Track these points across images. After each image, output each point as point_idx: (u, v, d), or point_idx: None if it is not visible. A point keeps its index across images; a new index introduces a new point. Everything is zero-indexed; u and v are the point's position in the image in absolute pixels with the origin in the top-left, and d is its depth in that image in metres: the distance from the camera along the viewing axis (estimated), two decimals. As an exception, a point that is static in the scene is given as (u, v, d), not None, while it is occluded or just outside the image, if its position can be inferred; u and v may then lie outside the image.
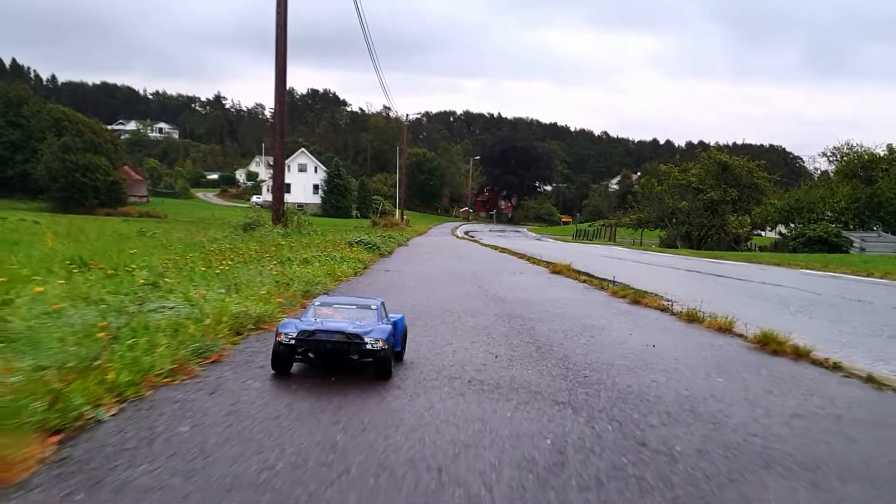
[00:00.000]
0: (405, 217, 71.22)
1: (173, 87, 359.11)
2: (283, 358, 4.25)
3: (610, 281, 11.13)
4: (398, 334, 4.71)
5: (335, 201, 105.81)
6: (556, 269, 13.65)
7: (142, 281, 6.66)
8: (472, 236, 50.37)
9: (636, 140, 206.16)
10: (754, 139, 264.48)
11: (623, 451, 3.08)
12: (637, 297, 8.79)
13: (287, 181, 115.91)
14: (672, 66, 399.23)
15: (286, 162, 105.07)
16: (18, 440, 2.60)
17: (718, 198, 58.17)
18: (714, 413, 3.79)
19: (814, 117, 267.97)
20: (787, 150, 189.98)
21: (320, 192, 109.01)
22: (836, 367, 5.06)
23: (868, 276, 18.82)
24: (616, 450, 3.09)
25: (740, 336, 6.23)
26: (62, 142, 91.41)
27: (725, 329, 6.49)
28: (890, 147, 55.67)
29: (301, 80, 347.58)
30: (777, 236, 55.81)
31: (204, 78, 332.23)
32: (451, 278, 12.10)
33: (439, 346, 5.44)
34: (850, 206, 50.21)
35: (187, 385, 3.89)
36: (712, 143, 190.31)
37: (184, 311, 5.16)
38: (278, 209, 24.31)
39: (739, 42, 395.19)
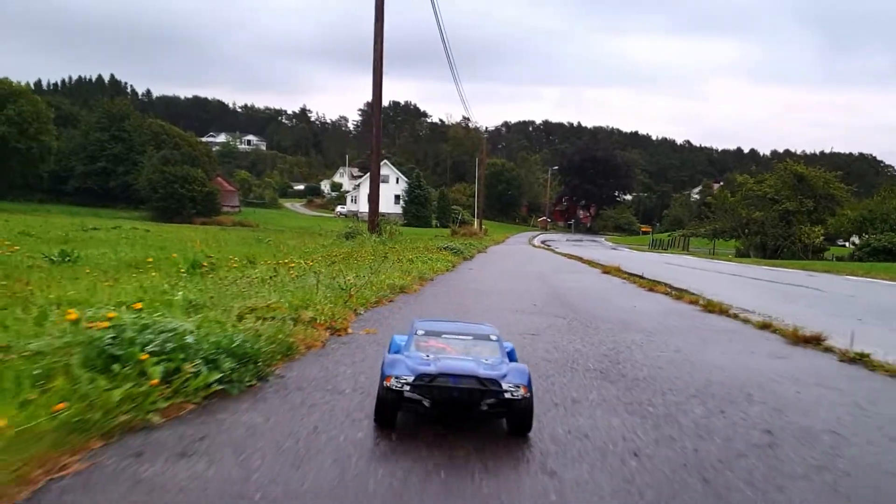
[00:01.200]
0: (483, 227, 75.17)
1: (259, 100, 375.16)
2: (391, 407, 3.37)
3: (640, 276, 14.80)
4: None
5: (415, 211, 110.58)
6: (606, 270, 17.37)
7: (308, 265, 10.73)
8: (548, 245, 53.92)
9: (720, 149, 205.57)
10: (844, 147, 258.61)
11: (576, 328, 6.87)
12: (652, 286, 12.46)
13: (368, 192, 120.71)
14: (757, 72, 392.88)
15: (368, 174, 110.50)
16: (345, 315, 6.54)
17: (794, 208, 60.07)
18: (636, 327, 7.52)
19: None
20: (878, 158, 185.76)
21: (401, 202, 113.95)
22: (745, 321, 8.68)
23: None
24: (574, 328, 6.89)
25: (699, 304, 9.88)
26: (161, 155, 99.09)
27: (694, 302, 10.13)
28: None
29: (384, 92, 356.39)
30: (851, 247, 57.46)
31: (288, 90, 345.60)
32: (520, 274, 15.98)
33: (506, 303, 9.31)
34: (923, 216, 51.69)
35: (386, 306, 7.89)
36: (798, 152, 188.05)
37: (360, 283, 9.16)
38: (374, 220, 28.51)
39: (828, 46, 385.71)
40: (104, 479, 2.50)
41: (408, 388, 3.27)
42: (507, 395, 3.24)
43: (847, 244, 65.17)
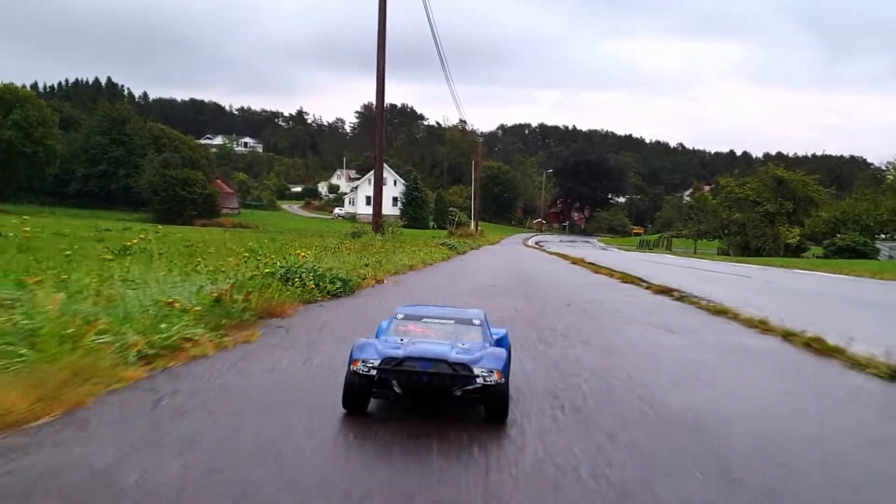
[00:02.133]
0: (480, 228, 79.25)
1: (255, 102, 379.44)
2: (358, 392, 3.38)
3: (596, 265, 18.86)
4: (508, 356, 3.62)
5: (413, 213, 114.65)
6: (574, 262, 21.40)
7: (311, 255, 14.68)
8: (540, 245, 58.01)
9: (712, 152, 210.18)
10: (838, 149, 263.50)
11: (522, 282, 10.85)
12: (597, 270, 16.49)
13: (367, 194, 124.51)
14: (752, 75, 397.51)
15: (367, 176, 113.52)
16: (379, 275, 10.54)
17: (774, 210, 64.32)
18: (565, 286, 11.50)
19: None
20: (869, 160, 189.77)
21: (399, 203, 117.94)
22: (646, 287, 12.65)
23: (837, 272, 25.72)
24: (521, 282, 10.87)
25: (640, 284, 13.88)
26: (162, 158, 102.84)
27: (629, 281, 14.11)
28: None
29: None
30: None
31: (284, 92, 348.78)
32: (503, 265, 20.01)
33: (485, 280, 13.29)
34: (893, 217, 55.87)
35: (402, 274, 11.87)
36: (790, 154, 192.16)
37: (382, 262, 13.13)
38: (377, 221, 32.45)
39: (825, 49, 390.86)
40: (310, 312, 6.53)
41: (374, 372, 3.26)
42: (480, 381, 3.21)
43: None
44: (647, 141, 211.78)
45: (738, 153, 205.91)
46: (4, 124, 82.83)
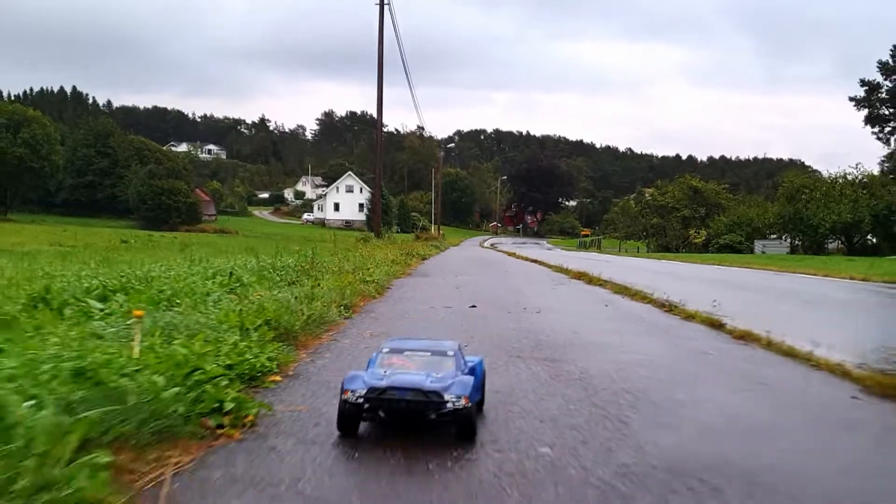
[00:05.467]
0: (441, 232, 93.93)
1: (209, 107, 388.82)
2: (350, 418, 4.20)
3: (523, 257, 33.68)
4: (477, 382, 4.49)
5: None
6: (510, 254, 36.22)
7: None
8: (494, 246, 72.72)
9: (660, 155, 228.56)
10: (782, 150, 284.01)
11: (475, 262, 25.47)
12: (526, 259, 31.28)
13: (336, 201, 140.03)
14: (702, 77, 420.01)
15: (335, 184, 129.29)
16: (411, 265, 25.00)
17: (689, 215, 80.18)
18: (493, 264, 26.10)
19: (844, 126, 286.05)
20: (807, 163, 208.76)
21: (365, 210, 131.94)
22: (560, 270, 27.35)
23: (701, 263, 40.54)
24: (476, 261, 25.48)
25: (541, 263, 28.62)
26: (148, 169, 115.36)
27: (539, 264, 28.78)
28: (817, 177, 77.27)
29: (339, 101, 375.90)
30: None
31: (237, 95, 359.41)
32: (467, 257, 34.72)
33: (468, 256, 27.86)
34: (777, 220, 71.68)
35: (422, 263, 26.41)
36: (734, 158, 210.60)
37: (407, 255, 27.57)
38: (378, 229, 46.62)
39: (771, 52, 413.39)
40: (397, 286, 21.21)
41: (361, 400, 4.04)
42: (450, 406, 3.97)
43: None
44: (598, 146, 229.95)
45: (685, 157, 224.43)
46: (15, 142, 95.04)
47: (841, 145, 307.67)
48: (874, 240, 68.60)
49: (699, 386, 5.95)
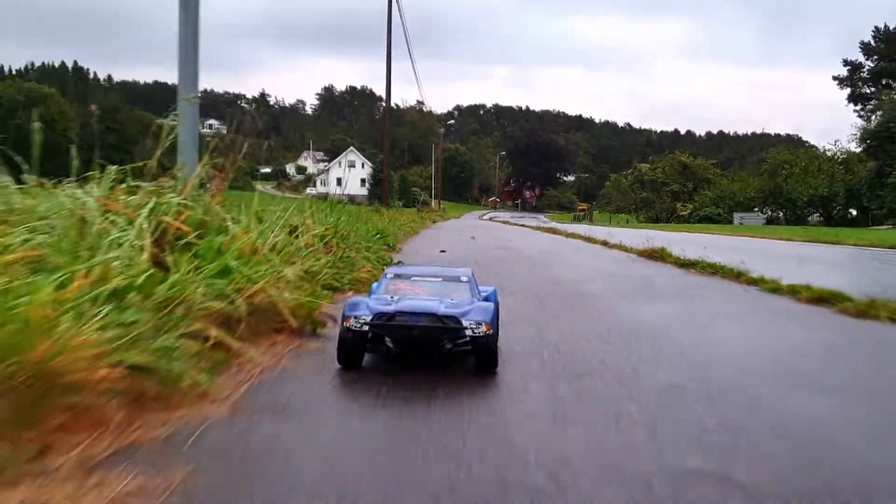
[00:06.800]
0: (442, 206, 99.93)
1: (207, 81, 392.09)
2: (352, 348, 3.90)
3: (514, 223, 39.91)
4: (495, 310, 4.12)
5: (380, 193, 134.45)
6: (504, 222, 42.41)
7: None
8: (492, 219, 78.65)
9: (658, 130, 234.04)
10: (782, 126, 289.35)
11: (480, 226, 31.71)
12: (512, 224, 37.53)
13: (338, 176, 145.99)
14: (702, 52, 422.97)
15: (337, 159, 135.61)
16: (424, 224, 31.27)
17: (678, 189, 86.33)
18: (492, 232, 32.30)
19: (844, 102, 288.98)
20: (804, 138, 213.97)
21: (367, 184, 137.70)
22: (536, 229, 33.55)
23: (674, 231, 46.72)
24: (479, 226, 31.71)
25: (525, 227, 34.87)
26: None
27: (521, 226, 35.04)
28: (798, 153, 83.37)
29: (339, 76, 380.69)
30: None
31: (236, 70, 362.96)
32: (466, 225, 40.94)
33: (465, 226, 34.07)
34: (758, 194, 77.89)
35: (434, 224, 32.65)
36: (732, 133, 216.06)
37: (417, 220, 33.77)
38: (386, 201, 52.64)
39: (772, 26, 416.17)
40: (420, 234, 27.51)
41: (367, 328, 3.69)
42: (469, 333, 3.65)
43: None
44: (597, 121, 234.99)
45: (683, 132, 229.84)
46: (32, 119, 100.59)
47: (843, 122, 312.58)
48: (854, 212, 75.00)
49: (574, 256, 12.25)
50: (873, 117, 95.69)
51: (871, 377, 4.51)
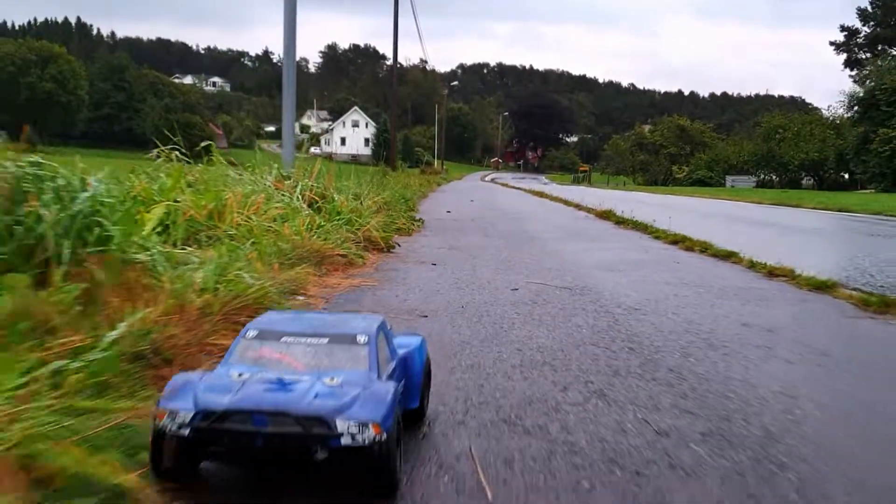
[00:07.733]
0: (445, 167, 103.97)
1: (208, 37, 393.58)
2: (169, 457, 2.33)
3: (513, 186, 44.23)
4: (415, 379, 2.94)
5: (384, 153, 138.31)
6: (503, 184, 46.73)
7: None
8: (494, 181, 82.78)
9: (662, 91, 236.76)
10: (787, 88, 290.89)
11: (480, 187, 36.03)
12: (510, 187, 41.86)
13: (342, 135, 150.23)
14: (709, 11, 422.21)
15: (342, 118, 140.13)
16: (432, 187, 35.67)
17: (675, 152, 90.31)
18: (489, 194, 36.63)
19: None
20: (808, 100, 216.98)
21: (370, 144, 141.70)
22: (528, 192, 37.85)
23: (657, 194, 50.95)
24: (479, 187, 36.04)
25: (520, 189, 39.20)
26: (164, 104, 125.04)
27: (517, 188, 39.31)
28: (791, 117, 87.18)
29: (342, 33, 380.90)
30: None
31: (236, 25, 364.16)
32: (468, 187, 45.21)
33: (469, 188, 38.37)
34: (751, 158, 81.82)
35: (440, 187, 36.99)
36: (736, 95, 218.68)
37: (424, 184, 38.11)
38: (393, 163, 56.80)
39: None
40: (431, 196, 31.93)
41: (187, 431, 2.25)
42: (345, 441, 2.22)
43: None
44: (601, 81, 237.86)
45: (687, 93, 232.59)
46: (44, 77, 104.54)
47: (845, 85, 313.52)
48: (846, 176, 79.07)
49: (546, 215, 16.59)
50: (864, 84, 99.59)
51: (651, 269, 8.54)
